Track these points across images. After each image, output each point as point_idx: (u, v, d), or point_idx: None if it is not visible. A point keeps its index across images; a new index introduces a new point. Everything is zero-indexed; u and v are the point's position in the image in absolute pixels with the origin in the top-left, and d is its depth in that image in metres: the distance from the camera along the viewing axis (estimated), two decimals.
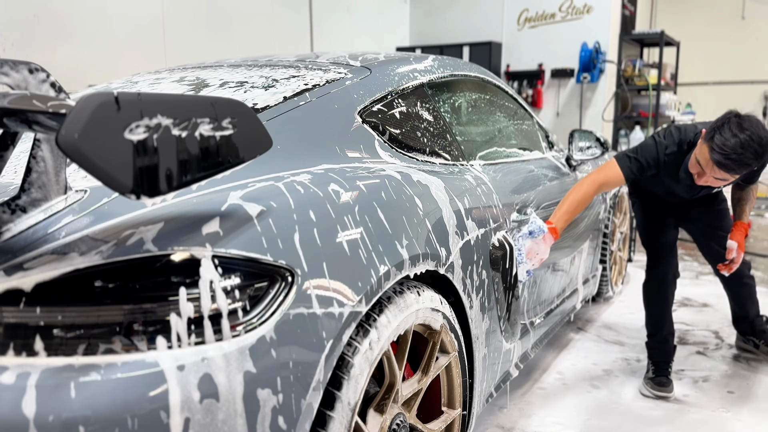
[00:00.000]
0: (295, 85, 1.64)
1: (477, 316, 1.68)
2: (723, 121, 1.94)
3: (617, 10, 6.66)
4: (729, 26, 7.90)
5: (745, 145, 1.86)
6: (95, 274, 0.92)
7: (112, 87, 1.93)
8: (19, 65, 1.01)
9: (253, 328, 0.98)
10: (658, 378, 2.36)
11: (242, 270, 1.00)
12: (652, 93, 6.57)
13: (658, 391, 2.33)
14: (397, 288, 1.35)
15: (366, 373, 1.19)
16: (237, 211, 1.06)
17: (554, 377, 2.51)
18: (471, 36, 7.26)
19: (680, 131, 2.18)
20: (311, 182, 1.23)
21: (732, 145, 1.87)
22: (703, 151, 1.97)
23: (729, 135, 1.87)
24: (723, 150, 1.88)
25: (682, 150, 2.15)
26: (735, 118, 1.92)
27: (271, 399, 0.98)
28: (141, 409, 0.87)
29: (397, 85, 1.82)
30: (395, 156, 1.64)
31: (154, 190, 0.82)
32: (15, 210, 0.99)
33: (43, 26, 4.02)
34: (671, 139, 2.17)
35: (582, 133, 2.77)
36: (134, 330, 0.91)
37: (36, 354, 0.88)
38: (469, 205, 1.70)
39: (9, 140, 1.05)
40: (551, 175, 2.44)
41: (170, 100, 0.84)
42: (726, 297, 2.72)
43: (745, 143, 1.86)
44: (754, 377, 2.52)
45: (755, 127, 1.88)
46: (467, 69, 2.30)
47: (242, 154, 0.95)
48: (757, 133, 1.87)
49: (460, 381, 1.61)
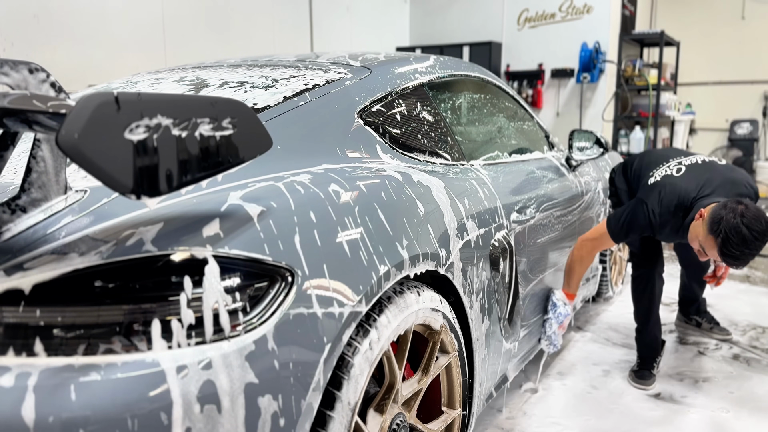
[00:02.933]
0: (295, 85, 1.64)
1: (477, 317, 1.68)
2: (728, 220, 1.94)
3: (617, 10, 6.66)
4: (729, 26, 7.90)
5: (752, 247, 1.93)
6: (95, 274, 0.92)
7: (112, 87, 1.93)
8: (19, 65, 1.01)
9: (253, 328, 0.98)
10: (641, 371, 2.46)
11: (242, 270, 1.00)
12: (652, 93, 6.57)
13: (638, 384, 2.43)
14: (397, 288, 1.35)
15: (366, 373, 1.19)
16: (237, 211, 1.06)
17: (554, 377, 2.51)
18: (471, 36, 7.26)
19: (671, 197, 2.17)
20: (311, 182, 1.23)
21: (741, 250, 1.93)
22: (708, 242, 2.01)
23: (737, 240, 1.92)
24: (732, 253, 1.95)
25: (677, 216, 2.17)
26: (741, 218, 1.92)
27: (270, 399, 0.98)
28: (141, 409, 0.87)
29: (398, 85, 1.82)
30: (395, 156, 1.64)
31: (154, 190, 0.82)
32: (15, 210, 0.99)
33: (43, 26, 4.02)
34: (663, 208, 2.17)
35: (582, 133, 2.77)
36: (134, 330, 0.91)
37: (36, 354, 0.88)
38: (470, 206, 1.70)
39: (9, 140, 1.05)
40: (551, 175, 2.44)
41: (170, 100, 0.84)
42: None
43: (751, 245, 1.92)
44: (754, 377, 2.52)
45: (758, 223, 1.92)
46: (467, 69, 2.30)
47: (242, 154, 0.95)
48: (762, 229, 1.92)
49: (460, 381, 1.61)
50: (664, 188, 2.20)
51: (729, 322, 3.15)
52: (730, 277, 3.98)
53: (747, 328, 3.08)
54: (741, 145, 7.66)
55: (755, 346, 2.85)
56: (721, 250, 1.97)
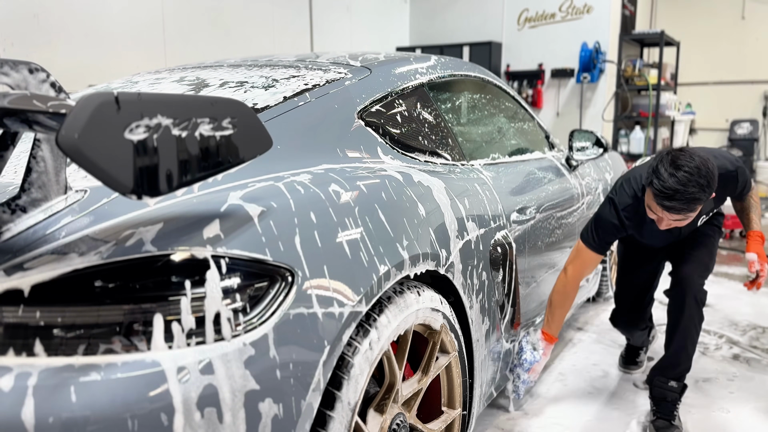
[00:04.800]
0: (295, 85, 1.64)
1: (477, 317, 1.68)
2: (657, 161, 1.78)
3: (617, 10, 6.65)
4: (729, 26, 7.89)
5: (685, 181, 1.70)
6: (95, 274, 0.92)
7: (112, 87, 1.93)
8: (19, 65, 1.01)
9: (253, 328, 0.98)
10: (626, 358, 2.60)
11: (242, 270, 1.00)
12: (652, 93, 6.57)
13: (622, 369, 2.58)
14: (397, 288, 1.35)
15: (366, 373, 1.19)
16: (237, 211, 1.06)
17: (555, 377, 2.51)
18: (471, 36, 7.26)
19: (630, 181, 2.02)
20: (311, 182, 1.23)
21: (671, 185, 1.71)
22: (649, 198, 1.83)
23: (666, 176, 1.72)
24: (665, 192, 1.73)
25: (638, 199, 1.99)
26: (667, 156, 1.76)
27: (270, 399, 0.98)
28: (141, 410, 0.87)
29: (398, 85, 1.82)
30: (395, 156, 1.64)
31: (154, 190, 0.82)
32: (15, 210, 0.99)
33: (43, 26, 4.02)
34: (624, 194, 2.02)
35: (582, 133, 2.77)
36: (134, 330, 0.91)
37: (36, 354, 0.88)
38: (470, 206, 1.70)
39: (9, 140, 1.05)
40: (552, 175, 2.44)
41: (170, 100, 0.84)
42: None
43: (684, 180, 1.70)
44: (754, 377, 2.52)
45: (690, 159, 1.73)
46: (468, 69, 2.30)
47: (242, 154, 0.95)
48: (694, 164, 1.71)
49: (460, 381, 1.61)
50: (626, 178, 2.06)
51: (729, 322, 3.15)
52: (731, 277, 3.98)
53: (747, 328, 3.08)
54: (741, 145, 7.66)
55: (755, 346, 2.85)
56: (655, 193, 1.76)
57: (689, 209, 1.75)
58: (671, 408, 2.08)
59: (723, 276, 3.99)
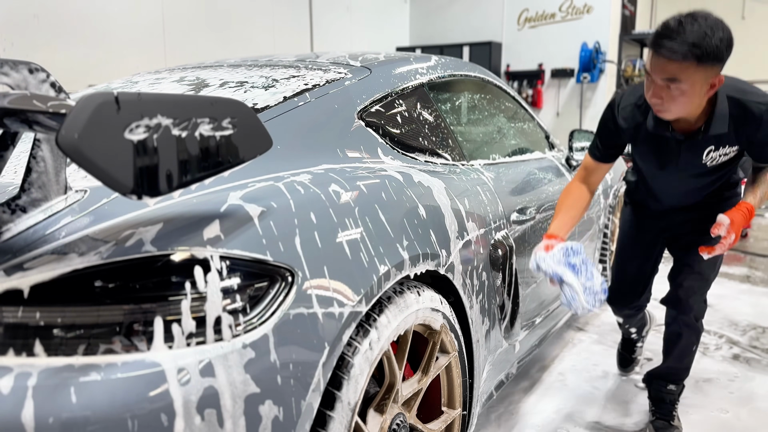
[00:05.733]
0: (295, 85, 1.64)
1: (477, 317, 1.68)
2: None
3: (617, 10, 6.66)
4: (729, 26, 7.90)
5: (688, 23, 1.54)
6: (95, 275, 0.92)
7: (112, 87, 1.93)
8: (19, 65, 1.01)
9: (253, 328, 0.98)
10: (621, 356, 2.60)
11: (242, 270, 1.00)
12: None
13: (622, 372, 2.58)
14: (397, 288, 1.35)
15: (366, 373, 1.19)
16: (237, 211, 1.06)
17: (555, 377, 2.51)
18: (471, 36, 7.26)
19: (636, 88, 1.87)
20: (311, 182, 1.23)
21: (671, 23, 1.57)
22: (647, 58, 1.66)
23: (670, 18, 1.59)
24: (662, 31, 1.57)
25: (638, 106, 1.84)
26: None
27: (270, 399, 0.98)
28: (141, 410, 0.87)
29: (398, 85, 1.82)
30: (396, 156, 1.64)
31: (154, 191, 0.82)
32: (15, 210, 0.99)
33: (43, 26, 4.02)
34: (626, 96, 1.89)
35: (582, 133, 2.77)
36: (134, 330, 0.91)
37: (36, 354, 0.88)
38: (470, 206, 1.70)
39: (9, 140, 1.05)
40: (552, 175, 2.44)
41: (170, 100, 0.84)
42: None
43: (687, 22, 1.55)
44: (754, 377, 2.52)
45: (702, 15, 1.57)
46: (467, 69, 2.30)
47: (242, 154, 0.95)
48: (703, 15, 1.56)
49: (460, 381, 1.61)
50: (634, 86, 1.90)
51: (729, 322, 3.15)
52: (731, 277, 3.98)
53: (747, 328, 3.08)
54: None
55: (755, 346, 2.85)
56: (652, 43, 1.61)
57: (684, 57, 1.53)
58: (670, 408, 2.10)
59: (723, 276, 3.98)
